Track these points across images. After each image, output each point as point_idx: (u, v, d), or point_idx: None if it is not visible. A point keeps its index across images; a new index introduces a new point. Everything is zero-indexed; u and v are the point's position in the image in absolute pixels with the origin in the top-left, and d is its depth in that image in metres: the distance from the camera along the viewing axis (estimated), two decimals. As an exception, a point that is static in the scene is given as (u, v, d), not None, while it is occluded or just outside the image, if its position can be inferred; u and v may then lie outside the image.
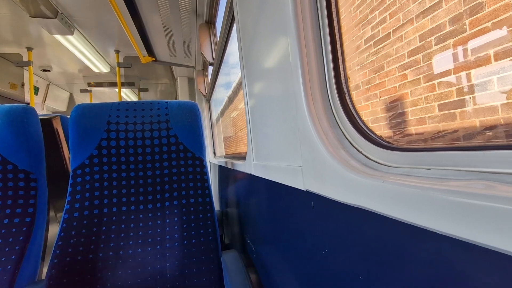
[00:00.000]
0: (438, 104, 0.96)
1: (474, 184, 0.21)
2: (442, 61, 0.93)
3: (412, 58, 1.05)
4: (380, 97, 1.24)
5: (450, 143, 0.95)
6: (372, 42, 1.25)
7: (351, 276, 0.35)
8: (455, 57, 0.88)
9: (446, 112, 0.93)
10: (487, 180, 0.21)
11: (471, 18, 0.82)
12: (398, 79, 1.14)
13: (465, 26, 0.84)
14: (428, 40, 0.98)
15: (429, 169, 0.27)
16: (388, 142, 0.36)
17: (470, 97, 0.84)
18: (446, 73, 0.92)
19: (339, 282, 0.39)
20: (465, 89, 0.86)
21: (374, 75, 1.26)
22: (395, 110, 1.15)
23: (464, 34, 0.84)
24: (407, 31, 1.07)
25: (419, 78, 1.03)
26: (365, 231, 0.32)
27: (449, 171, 0.25)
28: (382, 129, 1.26)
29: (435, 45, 0.95)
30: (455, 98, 0.89)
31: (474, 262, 0.20)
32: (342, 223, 0.37)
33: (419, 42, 1.02)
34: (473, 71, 0.83)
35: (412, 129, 1.07)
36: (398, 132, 1.15)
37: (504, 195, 0.17)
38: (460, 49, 0.86)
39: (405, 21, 1.07)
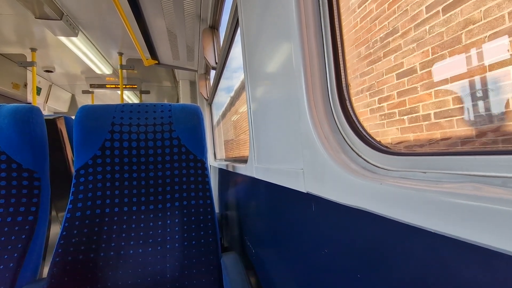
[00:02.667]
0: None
1: (464, 186, 0.23)
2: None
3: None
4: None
5: (444, 148, 0.94)
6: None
7: (350, 274, 0.37)
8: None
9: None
10: (476, 183, 0.23)
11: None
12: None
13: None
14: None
15: (425, 172, 0.29)
16: (386, 147, 0.37)
17: None
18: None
19: (338, 281, 0.40)
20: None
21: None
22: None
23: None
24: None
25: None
26: (364, 231, 0.33)
27: (443, 174, 0.27)
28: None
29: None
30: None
31: (465, 258, 0.21)
32: (341, 224, 0.38)
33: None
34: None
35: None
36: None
37: (489, 196, 0.19)
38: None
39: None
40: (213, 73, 2.19)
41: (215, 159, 2.93)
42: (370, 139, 0.40)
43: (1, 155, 0.97)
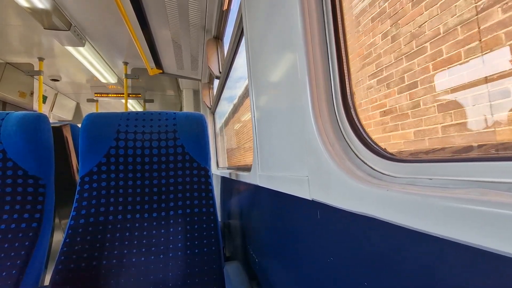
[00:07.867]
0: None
1: (471, 191, 0.23)
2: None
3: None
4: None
5: (449, 154, 0.92)
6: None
7: (356, 283, 0.37)
8: None
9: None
10: (482, 188, 0.23)
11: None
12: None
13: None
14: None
15: (431, 179, 0.29)
16: (391, 154, 0.38)
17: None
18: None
19: None
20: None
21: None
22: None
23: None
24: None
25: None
26: (370, 238, 0.33)
27: (449, 180, 0.27)
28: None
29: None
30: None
31: (474, 263, 0.21)
32: (347, 231, 0.38)
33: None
34: None
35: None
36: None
37: (496, 200, 0.19)
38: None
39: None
40: (216, 82, 2.22)
41: (217, 167, 2.93)
42: (375, 146, 0.40)
43: (7, 162, 0.98)
